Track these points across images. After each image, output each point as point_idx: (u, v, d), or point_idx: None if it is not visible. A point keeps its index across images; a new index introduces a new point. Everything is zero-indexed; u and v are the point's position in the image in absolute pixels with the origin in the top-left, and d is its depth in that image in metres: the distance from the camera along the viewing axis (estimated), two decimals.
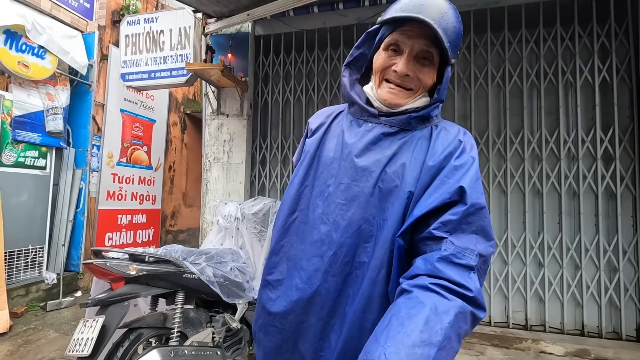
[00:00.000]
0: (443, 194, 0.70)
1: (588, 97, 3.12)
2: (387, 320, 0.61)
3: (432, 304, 0.60)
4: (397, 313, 0.61)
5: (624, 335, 2.89)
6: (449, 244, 0.66)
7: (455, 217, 0.68)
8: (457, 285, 0.63)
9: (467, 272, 0.65)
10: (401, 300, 0.64)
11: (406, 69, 0.76)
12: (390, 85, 0.79)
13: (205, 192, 3.71)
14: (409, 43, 0.76)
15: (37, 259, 3.84)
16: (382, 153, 0.79)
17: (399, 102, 0.80)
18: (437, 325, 0.57)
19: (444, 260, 0.65)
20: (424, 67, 0.77)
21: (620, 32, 3.04)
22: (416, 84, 0.79)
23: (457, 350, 0.60)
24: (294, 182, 0.89)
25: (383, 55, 0.80)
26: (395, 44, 0.77)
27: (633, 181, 2.96)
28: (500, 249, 3.21)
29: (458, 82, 3.40)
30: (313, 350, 0.79)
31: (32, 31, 3.59)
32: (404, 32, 0.76)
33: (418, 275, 0.66)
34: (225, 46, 3.70)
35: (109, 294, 1.61)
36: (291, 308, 0.81)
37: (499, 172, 3.26)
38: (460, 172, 0.73)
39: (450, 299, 0.61)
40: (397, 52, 0.78)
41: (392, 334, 0.57)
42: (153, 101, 5.22)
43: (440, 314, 0.58)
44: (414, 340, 0.55)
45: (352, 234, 0.77)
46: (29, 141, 3.70)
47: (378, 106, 0.82)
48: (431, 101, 0.80)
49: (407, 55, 0.76)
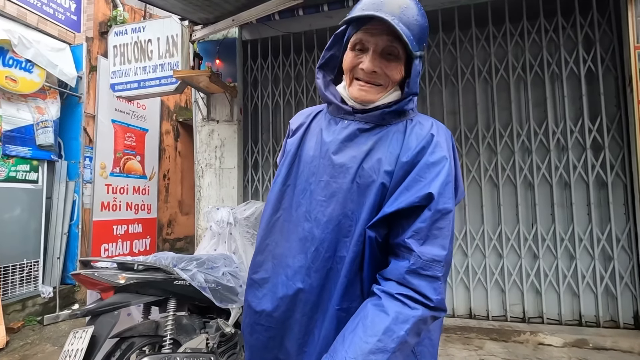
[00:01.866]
0: (412, 196, 0.73)
1: (574, 88, 3.14)
2: (355, 324, 0.68)
3: (395, 313, 0.67)
4: (364, 319, 0.68)
5: (622, 324, 2.89)
6: (417, 259, 0.70)
7: (424, 224, 0.72)
8: (421, 295, 0.69)
9: (433, 282, 0.70)
10: (370, 305, 0.70)
11: (372, 66, 0.78)
12: (360, 83, 0.81)
13: (199, 199, 3.71)
14: (372, 41, 0.77)
15: (33, 273, 3.82)
16: (359, 149, 0.80)
17: (371, 99, 0.81)
18: (394, 334, 0.65)
19: (412, 273, 0.70)
20: (390, 63, 0.79)
21: (603, 22, 3.06)
22: (385, 80, 0.80)
23: (413, 345, 0.69)
24: (276, 181, 0.91)
25: (350, 54, 0.81)
26: (360, 43, 0.79)
27: (623, 169, 2.97)
28: (494, 242, 3.22)
29: (445, 78, 3.42)
30: (298, 346, 0.81)
31: (19, 45, 3.58)
32: (367, 31, 0.77)
33: (389, 279, 0.72)
34: (213, 52, 3.71)
35: (99, 304, 1.60)
36: (277, 305, 0.82)
37: (489, 166, 3.27)
38: (432, 173, 0.74)
39: (413, 308, 0.68)
40: (363, 51, 0.79)
41: (356, 340, 0.65)
42: (145, 110, 5.22)
43: (400, 323, 0.66)
44: (371, 347, 0.63)
45: (333, 229, 0.78)
46: (19, 155, 3.69)
47: (352, 104, 0.83)
48: (403, 95, 0.81)
49: (372, 52, 0.78)
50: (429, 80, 3.44)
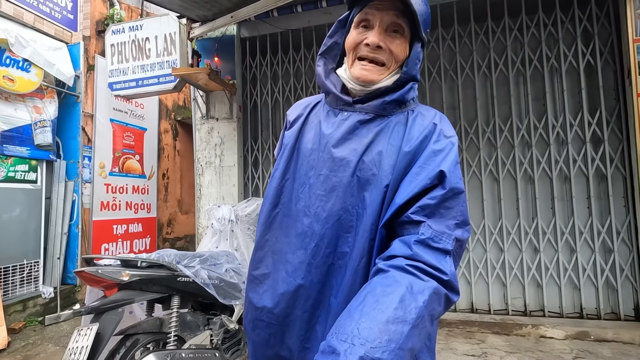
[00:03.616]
0: (424, 179, 0.71)
1: (574, 82, 3.15)
2: (362, 297, 0.61)
3: (408, 283, 0.60)
4: (373, 290, 0.61)
5: (623, 316, 2.91)
6: (427, 228, 0.67)
7: (433, 201, 0.69)
8: (433, 268, 0.64)
9: (443, 255, 0.66)
10: (377, 278, 0.64)
11: (378, 40, 0.76)
12: (362, 63, 0.79)
13: (199, 197, 3.70)
14: (378, 15, 0.76)
15: (33, 273, 3.80)
16: (359, 142, 0.79)
17: (373, 79, 0.79)
18: (412, 303, 0.58)
19: (421, 244, 0.66)
20: (395, 39, 0.78)
21: (601, 16, 3.06)
22: (388, 57, 0.78)
23: (429, 332, 0.62)
24: (275, 176, 0.88)
25: (354, 32, 0.80)
26: (366, 20, 0.78)
27: (622, 162, 2.99)
28: (495, 236, 3.23)
29: (445, 73, 3.41)
30: (299, 343, 0.79)
31: (15, 45, 3.56)
32: (373, 6, 0.77)
33: (395, 256, 0.66)
34: (212, 50, 3.70)
35: (103, 301, 1.60)
36: (278, 301, 0.81)
37: (490, 161, 3.28)
38: (439, 157, 0.73)
39: (425, 280, 0.62)
40: (368, 28, 0.78)
41: (367, 310, 0.57)
42: (143, 109, 5.19)
43: (416, 294, 0.59)
44: (388, 316, 0.55)
45: (333, 224, 0.77)
46: (18, 155, 3.66)
47: (352, 87, 0.81)
48: (402, 78, 0.79)
49: (378, 27, 0.77)
50: (428, 75, 3.44)
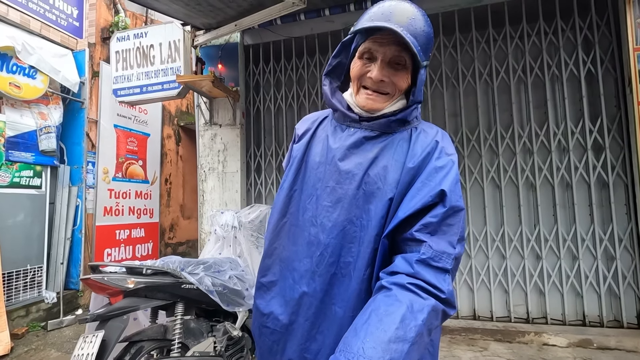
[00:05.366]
0: (425, 196, 0.74)
1: (575, 89, 3.17)
2: (367, 315, 0.65)
3: (409, 302, 0.64)
4: (377, 309, 0.65)
5: (625, 323, 2.90)
6: (428, 248, 0.70)
7: (435, 219, 0.72)
8: (432, 286, 0.67)
9: (443, 274, 0.69)
10: (380, 297, 0.68)
11: (380, 75, 0.79)
12: (367, 92, 0.82)
13: (202, 203, 3.72)
14: (381, 50, 0.79)
15: (36, 278, 3.82)
16: (365, 156, 0.82)
17: (378, 107, 0.82)
18: (412, 322, 0.62)
19: (422, 263, 0.69)
20: (398, 72, 0.80)
21: (602, 24, 3.09)
22: (392, 88, 0.81)
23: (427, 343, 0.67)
24: (283, 186, 0.92)
25: (358, 63, 0.83)
26: (369, 52, 0.80)
27: (624, 170, 2.99)
28: (497, 243, 3.23)
29: (446, 80, 3.44)
30: (299, 352, 0.81)
31: (22, 52, 3.61)
32: (376, 40, 0.79)
33: (397, 273, 0.70)
34: (215, 57, 3.74)
35: (108, 309, 1.62)
36: (283, 309, 0.84)
37: (491, 168, 3.29)
38: (441, 174, 0.76)
39: (425, 298, 0.66)
40: (371, 60, 0.81)
41: (371, 329, 0.61)
42: (146, 115, 5.23)
43: (416, 312, 0.63)
44: (390, 336, 0.60)
45: (337, 234, 0.80)
46: (23, 161, 3.70)
47: (358, 112, 0.85)
48: (408, 104, 0.83)
49: (380, 62, 0.79)
50: (430, 83, 3.46)
